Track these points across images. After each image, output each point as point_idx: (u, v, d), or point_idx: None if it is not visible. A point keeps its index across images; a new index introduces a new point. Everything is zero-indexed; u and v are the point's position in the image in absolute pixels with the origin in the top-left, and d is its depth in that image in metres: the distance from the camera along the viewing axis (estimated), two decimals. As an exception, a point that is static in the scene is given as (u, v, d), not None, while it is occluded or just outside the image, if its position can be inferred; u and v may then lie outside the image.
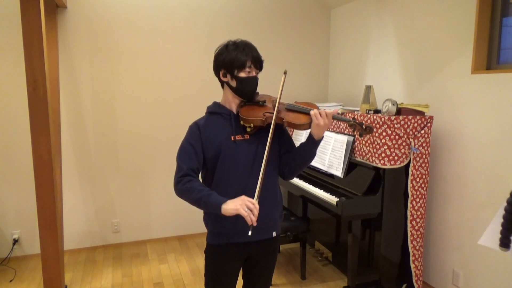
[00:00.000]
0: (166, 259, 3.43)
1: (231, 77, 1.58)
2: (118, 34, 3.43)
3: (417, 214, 2.65)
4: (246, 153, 1.59)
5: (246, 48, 1.56)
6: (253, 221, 1.39)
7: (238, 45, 1.57)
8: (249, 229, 1.41)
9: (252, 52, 1.57)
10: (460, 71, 2.56)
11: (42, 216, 2.42)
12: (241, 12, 3.77)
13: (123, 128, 3.56)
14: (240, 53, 1.54)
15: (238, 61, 1.54)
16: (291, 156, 1.66)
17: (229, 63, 1.56)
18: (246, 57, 1.55)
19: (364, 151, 2.69)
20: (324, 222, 3.31)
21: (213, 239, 1.65)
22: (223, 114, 1.63)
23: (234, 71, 1.56)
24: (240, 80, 1.57)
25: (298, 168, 1.67)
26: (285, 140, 1.70)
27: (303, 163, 1.65)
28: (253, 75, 1.58)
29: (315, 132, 1.55)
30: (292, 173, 1.69)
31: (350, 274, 2.70)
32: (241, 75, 1.56)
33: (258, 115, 1.58)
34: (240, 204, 1.41)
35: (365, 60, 3.55)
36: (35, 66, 2.26)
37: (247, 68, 1.56)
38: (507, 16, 2.37)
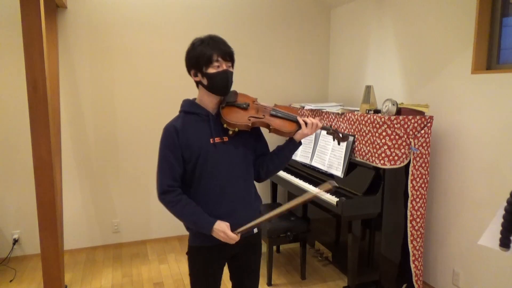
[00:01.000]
0: (166, 259, 3.43)
1: (201, 75, 1.52)
2: (118, 34, 3.43)
3: (417, 214, 2.65)
4: (225, 156, 1.56)
5: (211, 42, 1.50)
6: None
7: (203, 41, 1.52)
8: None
9: (217, 45, 1.50)
10: (460, 71, 2.56)
11: (42, 216, 2.42)
12: (241, 12, 3.77)
13: (123, 128, 3.56)
14: (205, 48, 1.49)
15: (204, 56, 1.48)
16: (268, 158, 1.67)
17: (195, 60, 1.51)
18: (212, 51, 1.48)
19: (364, 151, 2.69)
20: (324, 222, 3.31)
21: (195, 240, 1.64)
22: (200, 114, 1.57)
23: (202, 68, 1.50)
24: (210, 76, 1.50)
25: (275, 171, 1.70)
26: (262, 143, 1.71)
27: (281, 165, 1.68)
28: (223, 69, 1.51)
29: (299, 137, 1.61)
30: (268, 175, 1.70)
31: (350, 274, 2.70)
32: (210, 71, 1.50)
33: (244, 120, 1.55)
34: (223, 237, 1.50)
35: (365, 60, 3.55)
36: (35, 66, 2.27)
37: (215, 63, 1.49)
38: (507, 16, 2.37)
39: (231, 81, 1.55)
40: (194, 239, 1.65)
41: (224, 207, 1.57)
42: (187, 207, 1.53)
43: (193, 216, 1.53)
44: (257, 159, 1.68)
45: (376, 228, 2.68)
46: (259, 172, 1.68)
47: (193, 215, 1.53)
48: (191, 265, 1.68)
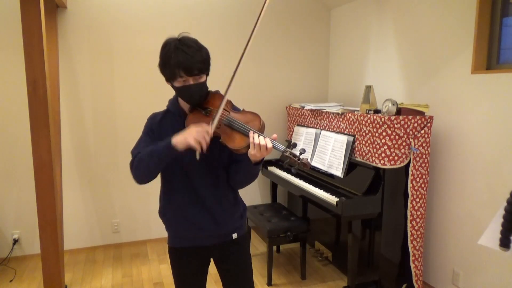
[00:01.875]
0: (166, 259, 3.43)
1: (170, 85, 1.48)
2: (118, 34, 3.43)
3: (417, 214, 2.65)
4: (192, 157, 1.43)
5: (173, 55, 1.36)
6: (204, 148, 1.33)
7: (169, 49, 1.39)
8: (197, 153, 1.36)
9: (179, 58, 1.36)
10: (460, 71, 2.56)
11: (42, 216, 2.42)
12: (241, 12, 3.77)
13: (123, 128, 3.56)
14: (169, 61, 1.38)
15: (168, 72, 1.40)
16: (235, 170, 1.52)
17: (162, 71, 1.44)
18: (175, 67, 1.36)
19: (364, 151, 2.69)
20: (324, 222, 3.31)
21: (172, 241, 1.62)
22: (176, 114, 1.54)
23: (168, 80, 1.45)
24: (176, 89, 1.46)
25: (241, 183, 1.55)
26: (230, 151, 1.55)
27: (245, 180, 1.53)
28: (189, 84, 1.41)
29: (251, 158, 1.38)
30: (236, 186, 1.58)
31: (350, 274, 2.70)
32: (176, 84, 1.43)
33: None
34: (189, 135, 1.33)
35: (365, 60, 3.55)
36: (35, 66, 2.27)
37: (179, 78, 1.39)
38: (507, 16, 2.37)
39: (197, 94, 1.45)
40: (171, 240, 1.63)
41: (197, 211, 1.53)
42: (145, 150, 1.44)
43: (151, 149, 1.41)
44: (230, 165, 1.55)
45: (376, 228, 2.68)
46: (229, 181, 1.57)
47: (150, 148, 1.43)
48: (172, 266, 1.66)
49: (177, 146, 1.35)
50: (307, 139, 3.25)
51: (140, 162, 1.43)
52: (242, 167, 1.48)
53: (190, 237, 1.58)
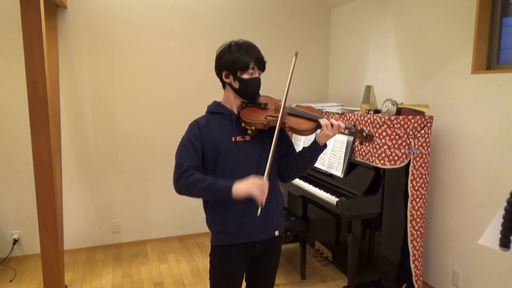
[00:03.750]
0: (166, 259, 3.43)
1: (233, 79, 1.56)
2: (118, 34, 3.43)
3: (417, 214, 2.65)
4: (247, 154, 1.57)
5: (249, 49, 1.54)
6: (263, 202, 1.43)
7: (241, 46, 1.54)
8: (259, 209, 1.44)
9: (255, 53, 1.55)
10: (460, 71, 2.56)
11: (42, 216, 2.42)
12: (241, 12, 3.77)
13: (123, 128, 3.56)
14: (243, 54, 1.52)
15: (241, 62, 1.52)
16: (292, 160, 1.65)
17: (232, 64, 1.53)
18: (249, 58, 1.52)
19: (364, 151, 2.69)
20: (324, 222, 3.31)
21: (218, 240, 1.64)
22: (224, 114, 1.61)
23: (237, 73, 1.54)
24: (243, 82, 1.55)
25: (299, 172, 1.67)
26: (286, 143, 1.69)
27: (304, 168, 1.65)
28: (256, 77, 1.57)
29: (321, 140, 1.56)
30: (292, 176, 1.69)
31: (350, 274, 2.70)
32: (244, 76, 1.54)
33: (260, 118, 1.56)
34: (251, 185, 1.44)
35: (365, 60, 3.55)
36: (35, 66, 2.27)
37: (250, 70, 1.53)
38: (507, 16, 2.37)
39: (260, 86, 1.60)
40: (217, 239, 1.64)
41: (248, 205, 1.56)
42: (203, 175, 1.52)
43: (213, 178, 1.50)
44: (281, 160, 1.67)
45: (376, 228, 2.68)
46: (283, 173, 1.68)
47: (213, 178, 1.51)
48: (214, 265, 1.67)
49: (238, 195, 1.46)
50: (307, 139, 3.25)
51: (192, 186, 1.49)
52: (308, 153, 1.61)
53: (240, 233, 1.60)
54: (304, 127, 1.57)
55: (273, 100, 1.69)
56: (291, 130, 1.58)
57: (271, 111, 1.61)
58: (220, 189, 1.47)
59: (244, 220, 1.58)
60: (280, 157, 1.67)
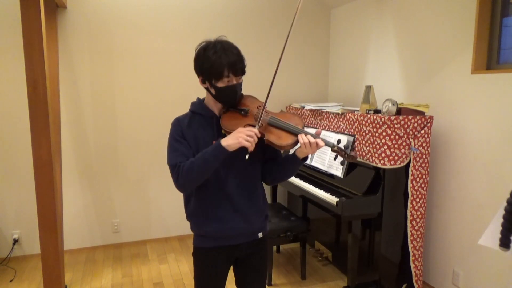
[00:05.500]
0: (166, 259, 3.43)
1: (209, 85, 1.50)
2: (118, 34, 3.43)
3: (417, 214, 2.65)
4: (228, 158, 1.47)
5: (223, 55, 1.42)
6: (253, 147, 1.40)
7: (216, 50, 1.43)
8: (246, 153, 1.40)
9: (229, 58, 1.43)
10: (460, 71, 2.56)
11: (42, 216, 2.42)
12: (241, 12, 3.77)
13: (123, 128, 3.56)
14: (217, 61, 1.42)
15: (215, 71, 1.43)
16: (275, 165, 1.61)
17: (206, 71, 1.46)
18: (222, 66, 1.42)
19: (364, 151, 2.69)
20: (324, 222, 3.31)
21: (199, 242, 1.63)
22: (205, 116, 1.56)
23: (211, 80, 1.47)
24: (219, 89, 1.47)
25: (280, 179, 1.64)
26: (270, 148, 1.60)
27: (285, 176, 1.61)
28: (232, 84, 1.47)
29: (300, 155, 1.49)
30: (274, 181, 1.66)
31: (350, 274, 2.70)
32: (219, 85, 1.46)
33: (239, 127, 1.47)
34: (240, 136, 1.39)
35: (365, 60, 3.55)
36: (35, 66, 2.26)
37: (225, 78, 1.44)
38: (507, 16, 2.37)
39: (239, 93, 1.53)
40: (199, 240, 1.63)
41: (227, 210, 1.54)
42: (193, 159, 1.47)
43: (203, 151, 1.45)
44: (265, 163, 1.63)
45: (376, 228, 2.68)
46: (266, 177, 1.64)
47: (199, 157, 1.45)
48: (196, 267, 1.66)
49: (230, 148, 1.40)
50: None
51: (191, 170, 1.44)
52: (288, 164, 1.56)
53: (220, 236, 1.58)
54: (284, 142, 1.46)
55: (257, 103, 1.59)
56: (270, 144, 1.48)
57: (251, 119, 1.51)
58: (213, 154, 1.41)
59: (225, 226, 1.55)
60: (265, 160, 1.63)
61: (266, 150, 1.61)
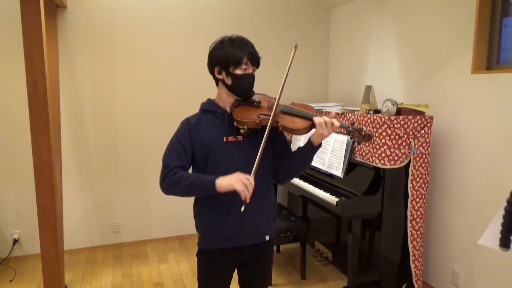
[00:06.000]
0: (166, 259, 3.43)
1: (226, 74, 1.51)
2: (118, 34, 3.43)
3: (417, 214, 2.65)
4: (238, 155, 1.51)
5: (242, 44, 1.49)
6: (247, 198, 1.36)
7: (233, 41, 1.50)
8: (243, 204, 1.38)
9: (248, 48, 1.50)
10: (460, 71, 2.56)
11: (42, 216, 2.42)
12: (241, 12, 3.77)
13: (123, 128, 3.56)
14: (236, 49, 1.47)
15: (234, 57, 1.47)
16: (287, 160, 1.58)
17: (224, 60, 1.49)
18: (242, 53, 1.48)
19: (364, 151, 2.69)
20: (324, 222, 3.31)
21: (204, 243, 1.61)
22: (216, 113, 1.55)
23: (229, 68, 1.49)
24: (236, 77, 1.50)
25: (294, 173, 1.61)
26: (280, 143, 1.62)
27: (299, 169, 1.59)
28: (249, 72, 1.52)
29: (316, 139, 1.49)
30: (287, 177, 1.62)
31: (350, 274, 2.70)
32: (237, 72, 1.49)
33: (252, 117, 1.50)
34: (236, 179, 1.37)
35: (365, 60, 3.55)
36: (35, 66, 2.27)
37: (243, 65, 1.49)
38: (507, 16, 2.37)
39: (253, 83, 1.56)
40: (204, 242, 1.61)
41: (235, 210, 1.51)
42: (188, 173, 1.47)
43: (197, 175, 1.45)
44: (276, 160, 1.60)
45: (376, 228, 2.68)
46: (277, 174, 1.61)
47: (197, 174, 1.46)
48: (200, 267, 1.65)
49: (221, 188, 1.39)
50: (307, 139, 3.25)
51: (176, 184, 1.44)
52: (302, 155, 1.54)
53: (227, 237, 1.56)
54: (298, 126, 1.49)
55: (268, 98, 1.62)
56: (285, 129, 1.50)
57: (264, 109, 1.55)
58: (204, 184, 1.41)
59: (231, 224, 1.53)
60: (275, 158, 1.61)
61: (276, 147, 1.60)
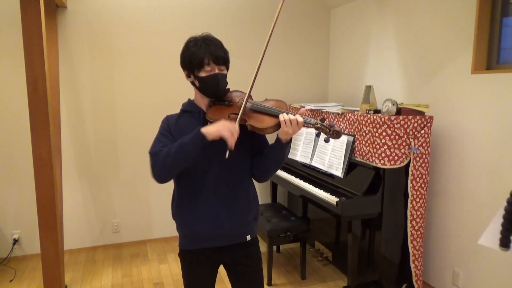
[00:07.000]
0: (166, 259, 3.43)
1: (193, 77, 1.52)
2: (118, 34, 3.43)
3: (417, 214, 2.65)
4: (215, 154, 1.49)
5: (203, 45, 1.46)
6: (233, 144, 1.37)
7: (196, 42, 1.48)
8: (227, 150, 1.38)
9: (210, 49, 1.46)
10: (460, 71, 2.56)
11: (42, 216, 2.42)
12: (241, 12, 3.77)
13: (123, 128, 3.56)
14: (197, 51, 1.46)
15: (196, 59, 1.46)
16: (261, 158, 1.56)
17: (188, 63, 1.50)
18: (203, 54, 1.45)
19: (364, 151, 2.69)
20: (324, 222, 3.31)
21: (183, 243, 1.61)
22: (193, 112, 1.57)
23: (194, 71, 1.49)
24: (201, 80, 1.50)
25: (269, 171, 1.58)
26: (258, 142, 1.60)
27: (274, 166, 1.56)
28: (213, 73, 1.48)
29: (283, 137, 1.45)
30: (263, 176, 1.60)
31: (350, 274, 2.70)
32: (202, 74, 1.48)
33: (223, 116, 1.48)
34: (222, 126, 1.37)
35: (365, 60, 3.55)
36: (35, 66, 2.27)
37: (206, 67, 1.47)
38: (507, 16, 2.37)
39: (222, 84, 1.53)
40: (183, 242, 1.61)
41: (211, 208, 1.51)
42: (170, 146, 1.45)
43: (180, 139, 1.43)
44: (253, 158, 1.59)
45: (376, 228, 2.68)
46: (254, 172, 1.59)
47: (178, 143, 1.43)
48: (182, 268, 1.65)
49: (208, 136, 1.38)
50: (307, 139, 3.25)
51: (166, 157, 1.42)
52: (272, 152, 1.52)
53: (205, 236, 1.55)
54: (266, 124, 1.45)
55: (242, 95, 1.58)
56: (252, 129, 1.47)
57: (235, 108, 1.52)
58: (192, 139, 1.39)
59: (209, 224, 1.52)
60: (252, 155, 1.59)
61: (253, 145, 1.59)
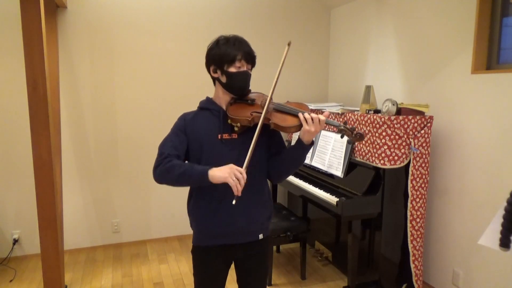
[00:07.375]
0: (166, 259, 3.43)
1: (221, 73, 1.54)
2: (118, 34, 3.43)
3: (417, 214, 2.65)
4: (232, 152, 1.52)
5: (236, 43, 1.52)
6: (239, 191, 1.36)
7: (228, 40, 1.53)
8: (234, 198, 1.38)
9: (242, 47, 1.53)
10: (460, 71, 2.56)
11: (42, 216, 2.42)
12: (241, 12, 3.77)
13: (123, 127, 3.56)
14: (230, 48, 1.51)
15: (228, 55, 1.50)
16: (280, 159, 1.57)
17: (218, 58, 1.52)
18: (237, 51, 1.50)
19: (364, 151, 2.69)
20: (324, 222, 3.31)
21: (197, 240, 1.62)
22: (212, 110, 1.58)
23: (224, 66, 1.52)
24: (230, 75, 1.52)
25: (286, 173, 1.60)
26: (275, 142, 1.62)
27: (291, 168, 1.58)
28: (243, 70, 1.53)
29: (304, 137, 1.47)
30: (280, 177, 1.62)
31: (350, 274, 2.70)
32: (231, 70, 1.52)
33: (245, 114, 1.51)
34: (229, 172, 1.37)
35: (365, 60, 3.55)
36: (35, 66, 2.27)
37: (237, 63, 1.51)
38: (507, 16, 2.37)
39: (249, 82, 1.57)
40: (198, 239, 1.62)
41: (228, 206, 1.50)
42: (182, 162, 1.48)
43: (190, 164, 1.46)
44: (270, 159, 1.60)
45: (376, 228, 2.68)
46: (270, 173, 1.60)
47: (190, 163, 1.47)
48: (194, 264, 1.67)
49: (213, 179, 1.40)
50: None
51: (168, 172, 1.45)
52: (291, 153, 1.54)
53: (219, 234, 1.56)
54: (289, 123, 1.49)
55: (264, 96, 1.62)
56: (276, 127, 1.51)
57: (257, 107, 1.56)
58: (197, 173, 1.41)
59: (223, 221, 1.54)
60: (269, 156, 1.60)
61: (271, 145, 1.61)
